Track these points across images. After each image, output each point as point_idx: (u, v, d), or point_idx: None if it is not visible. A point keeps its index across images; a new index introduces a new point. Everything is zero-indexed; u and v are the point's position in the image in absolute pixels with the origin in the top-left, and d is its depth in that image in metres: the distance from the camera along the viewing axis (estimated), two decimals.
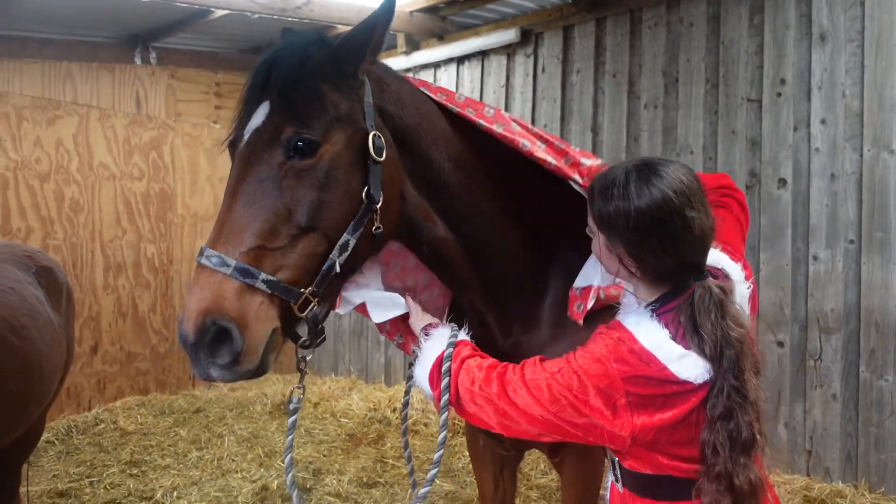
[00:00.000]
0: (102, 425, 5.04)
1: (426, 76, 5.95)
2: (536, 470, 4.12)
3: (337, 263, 1.53)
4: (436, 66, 5.89)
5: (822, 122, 3.87)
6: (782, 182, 4.01)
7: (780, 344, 3.98)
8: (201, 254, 1.45)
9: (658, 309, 1.44)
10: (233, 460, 4.39)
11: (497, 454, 2.31)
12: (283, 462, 4.29)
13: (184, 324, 1.40)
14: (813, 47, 3.92)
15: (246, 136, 1.56)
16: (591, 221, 1.52)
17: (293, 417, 1.64)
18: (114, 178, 5.83)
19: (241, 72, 6.70)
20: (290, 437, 1.63)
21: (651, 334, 1.40)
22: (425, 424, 4.99)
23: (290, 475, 1.60)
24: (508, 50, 5.39)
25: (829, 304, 3.81)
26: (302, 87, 1.54)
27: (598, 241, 1.50)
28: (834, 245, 3.81)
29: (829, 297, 3.81)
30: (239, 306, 1.42)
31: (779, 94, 4.03)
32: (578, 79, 4.98)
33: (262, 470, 4.21)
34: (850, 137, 3.78)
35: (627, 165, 1.45)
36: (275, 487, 3.92)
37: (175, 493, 3.89)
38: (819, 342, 3.84)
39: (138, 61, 6.04)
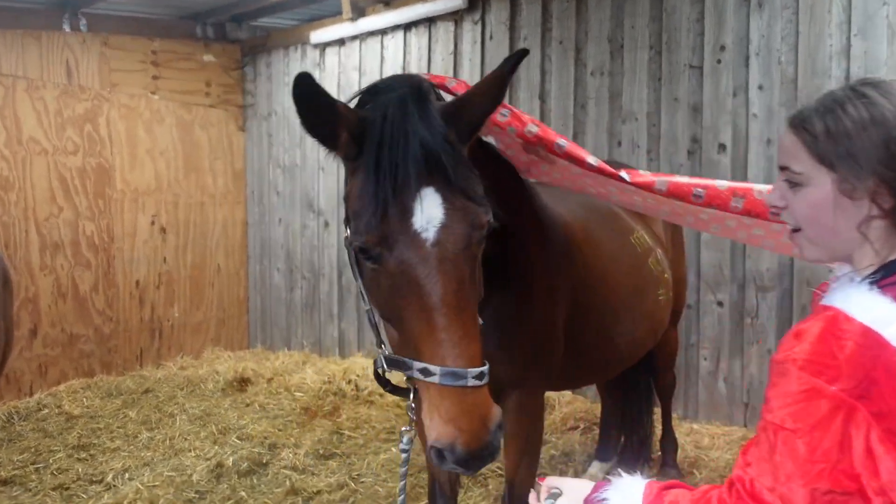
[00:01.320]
0: (46, 410, 4.88)
1: (373, 44, 5.84)
2: None
3: None
4: (382, 33, 5.78)
5: (760, 87, 3.99)
6: (722, 147, 4.13)
7: (720, 303, 4.15)
8: (457, 377, 1.35)
9: (881, 280, 1.07)
10: (185, 439, 4.33)
11: None
12: (237, 439, 4.27)
13: (464, 445, 1.34)
14: (751, 14, 4.01)
15: (434, 234, 1.37)
16: (783, 187, 1.16)
17: (405, 455, 1.64)
18: (46, 153, 5.55)
19: (179, 39, 6.43)
20: (403, 483, 1.64)
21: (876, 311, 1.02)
22: (380, 395, 5.02)
23: None
24: (456, 16, 5.33)
25: (765, 264, 3.98)
26: (464, 167, 1.44)
27: (816, 193, 1.11)
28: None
29: (765, 258, 3.98)
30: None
31: (719, 61, 4.13)
32: (526, 45, 4.97)
33: (217, 447, 4.17)
34: (785, 103, 3.90)
35: (842, 87, 1.15)
36: (230, 464, 3.89)
37: (126, 474, 3.82)
38: (756, 300, 4.02)
39: (67, 28, 5.71)
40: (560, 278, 2.26)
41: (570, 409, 4.47)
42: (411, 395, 1.55)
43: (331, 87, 6.17)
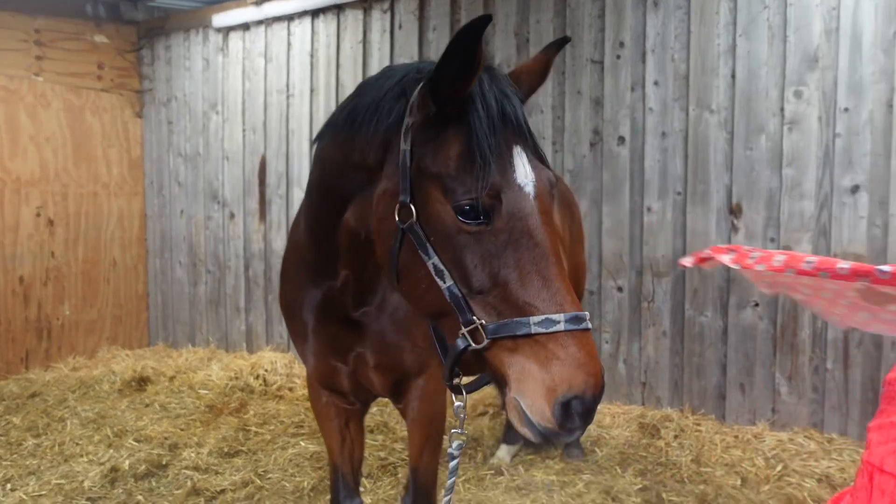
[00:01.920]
0: None
1: (279, 30, 5.67)
2: (402, 423, 4.21)
3: None
4: (289, 18, 5.62)
5: (655, 83, 4.19)
6: (621, 139, 4.31)
7: (620, 289, 4.34)
8: (579, 320, 1.34)
9: None
10: (77, 444, 4.06)
11: (341, 408, 2.34)
12: (134, 442, 4.05)
13: (593, 388, 1.32)
14: (647, 13, 4.20)
15: (533, 189, 1.43)
16: None
17: (454, 462, 1.56)
18: None
19: (67, 18, 5.98)
20: (451, 488, 1.57)
21: None
22: (290, 389, 4.91)
23: None
24: (365, 4, 5.26)
25: (661, 250, 4.20)
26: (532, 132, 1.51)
27: None
28: (664, 197, 4.18)
29: (661, 245, 4.19)
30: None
31: (618, 56, 4.30)
32: (435, 36, 4.99)
33: (112, 451, 3.94)
34: (678, 98, 4.13)
35: None
36: (126, 468, 3.68)
37: (9, 485, 3.54)
38: (652, 286, 4.23)
39: None
40: None
41: (480, 395, 4.54)
42: (465, 395, 1.51)
43: (236, 73, 5.95)
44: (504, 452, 3.69)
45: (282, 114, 5.70)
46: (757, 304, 3.93)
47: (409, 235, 1.45)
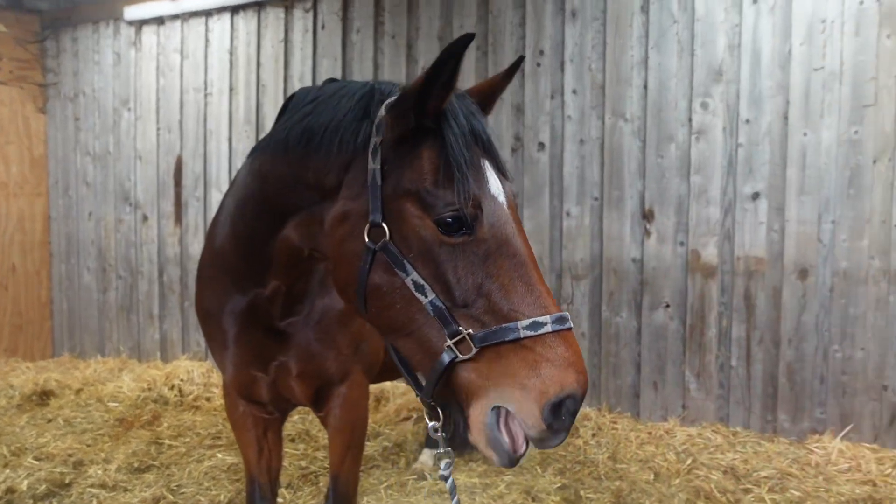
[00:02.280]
0: None
1: (196, 26, 5.47)
2: (323, 431, 4.14)
3: None
4: (207, 14, 5.43)
5: (574, 91, 4.31)
6: (541, 146, 4.41)
7: None
8: (564, 320, 1.36)
9: None
10: None
11: (259, 418, 2.29)
12: (33, 460, 3.79)
13: (583, 386, 1.33)
14: (566, 22, 4.32)
15: (504, 199, 1.47)
16: None
17: (449, 482, 1.51)
18: None
19: None
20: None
21: None
22: (207, 399, 4.73)
23: None
24: (286, 3, 5.15)
25: (579, 254, 4.32)
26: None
27: None
28: (582, 202, 4.31)
29: (579, 249, 4.32)
30: None
31: (538, 65, 4.40)
32: (359, 38, 4.94)
33: (8, 470, 3.67)
34: (595, 106, 4.26)
35: None
36: (24, 489, 3.44)
37: None
38: (571, 288, 4.35)
39: None
40: None
41: (404, 400, 4.52)
42: (441, 414, 1.47)
43: (149, 69, 5.69)
44: (427, 457, 3.69)
45: (199, 113, 5.49)
46: (668, 305, 4.11)
47: (383, 255, 1.43)
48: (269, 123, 5.23)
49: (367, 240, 1.45)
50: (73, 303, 6.10)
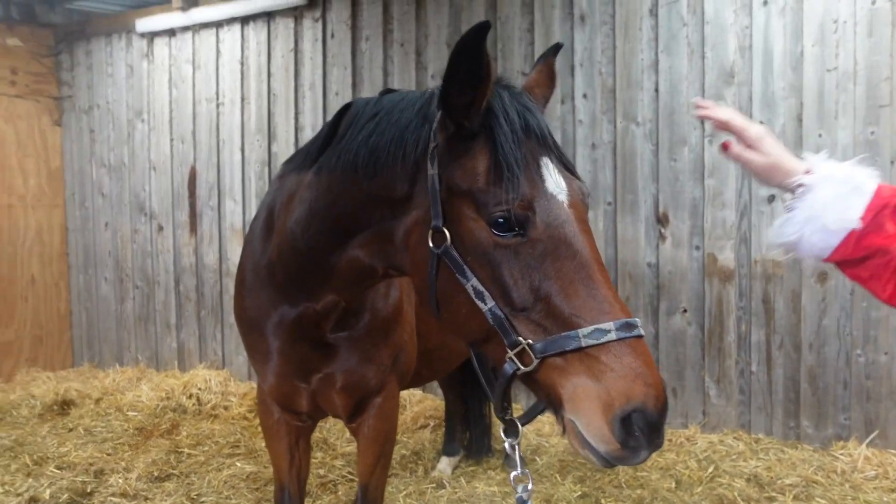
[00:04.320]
0: None
1: (207, 37, 5.51)
2: (342, 439, 4.16)
3: None
4: (218, 25, 5.47)
5: (584, 96, 4.30)
6: None
7: None
8: (631, 327, 1.27)
9: None
10: None
11: (292, 426, 2.31)
12: (55, 469, 3.84)
13: (654, 399, 1.22)
14: (575, 27, 4.31)
15: (567, 197, 1.41)
16: None
17: None
18: None
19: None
20: None
21: None
22: (225, 408, 4.77)
23: None
24: (296, 13, 5.17)
25: None
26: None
27: None
28: (596, 207, 4.29)
29: None
30: None
31: None
32: (368, 46, 4.96)
33: (31, 480, 3.72)
34: (606, 111, 4.24)
35: None
36: (47, 497, 3.49)
37: None
38: None
39: None
40: None
41: (421, 407, 4.53)
42: (521, 430, 1.44)
43: (162, 80, 5.74)
44: (445, 465, 3.70)
45: (212, 123, 5.53)
46: (685, 310, 4.08)
47: (445, 260, 1.41)
48: (280, 132, 5.26)
49: (430, 245, 1.42)
50: (91, 313, 6.17)
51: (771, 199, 3.85)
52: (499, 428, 3.67)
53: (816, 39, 3.71)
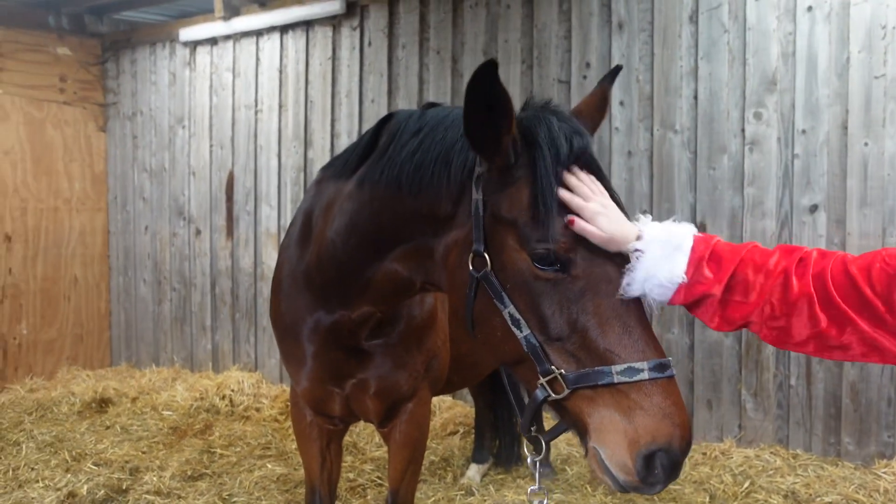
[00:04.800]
0: None
1: (248, 45, 5.63)
2: (371, 443, 4.17)
3: None
4: (258, 34, 5.58)
5: (621, 103, 4.26)
6: None
7: None
8: (664, 367, 1.32)
9: None
10: (32, 469, 3.92)
11: (324, 429, 2.32)
12: (93, 465, 3.92)
13: (680, 440, 1.28)
14: (613, 35, 4.28)
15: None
16: None
17: None
18: None
19: (27, 29, 5.86)
20: None
21: None
22: (257, 409, 4.83)
23: None
24: (334, 21, 5.26)
25: None
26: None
27: None
28: (631, 215, 4.22)
29: None
30: None
31: (584, 77, 4.36)
32: (404, 54, 5.00)
33: (69, 475, 3.81)
34: (643, 118, 4.20)
35: None
36: (84, 493, 3.57)
37: None
38: None
39: None
40: None
41: (451, 414, 4.51)
42: (544, 446, 1.49)
43: (203, 87, 5.88)
44: (474, 472, 3.67)
45: (250, 129, 5.64)
46: None
47: (484, 284, 1.43)
48: (316, 139, 5.34)
49: (471, 268, 1.45)
50: (129, 314, 6.32)
51: (813, 209, 3.75)
52: None
53: (863, 45, 3.62)
